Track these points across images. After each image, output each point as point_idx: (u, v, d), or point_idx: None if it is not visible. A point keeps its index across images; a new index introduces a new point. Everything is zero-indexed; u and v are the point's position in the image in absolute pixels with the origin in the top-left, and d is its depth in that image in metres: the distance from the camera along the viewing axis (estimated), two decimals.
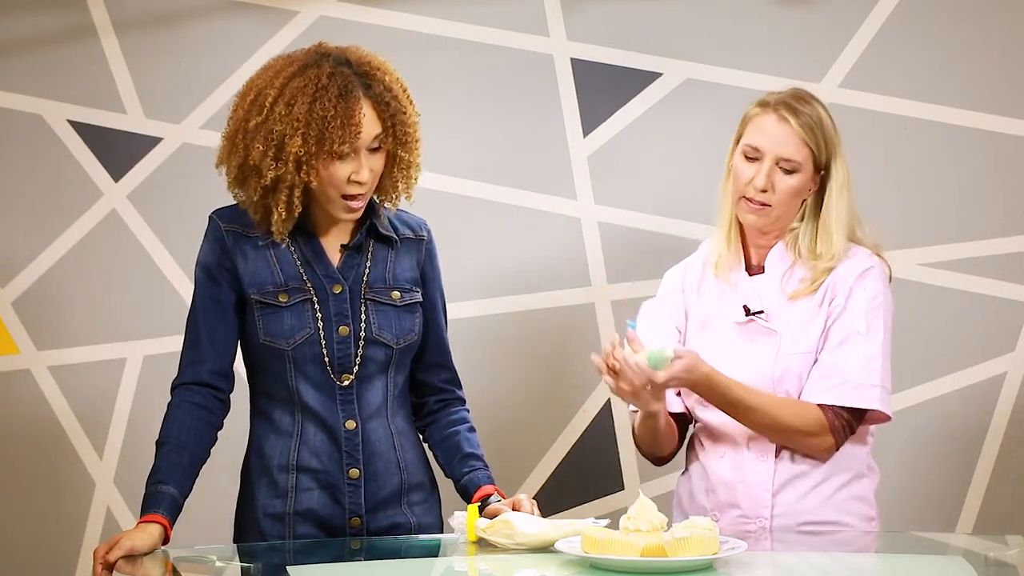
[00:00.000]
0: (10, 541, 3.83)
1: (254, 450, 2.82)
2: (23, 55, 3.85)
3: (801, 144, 2.82)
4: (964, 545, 2.91)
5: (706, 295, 2.93)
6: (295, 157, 2.66)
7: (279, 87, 2.69)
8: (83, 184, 3.83)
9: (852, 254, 2.86)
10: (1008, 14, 3.63)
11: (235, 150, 2.72)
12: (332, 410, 2.77)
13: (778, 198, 2.83)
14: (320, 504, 2.76)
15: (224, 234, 2.78)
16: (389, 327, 2.79)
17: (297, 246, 2.79)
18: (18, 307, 3.84)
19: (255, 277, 2.77)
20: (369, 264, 2.82)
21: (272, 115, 2.67)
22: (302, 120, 2.65)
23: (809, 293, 2.84)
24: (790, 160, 2.82)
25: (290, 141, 2.66)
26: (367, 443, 2.78)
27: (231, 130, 2.74)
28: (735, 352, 2.84)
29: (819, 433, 2.79)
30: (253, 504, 2.79)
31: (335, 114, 2.65)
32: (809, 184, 2.86)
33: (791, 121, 2.82)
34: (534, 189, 3.74)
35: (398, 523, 2.80)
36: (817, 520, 2.82)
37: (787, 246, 2.88)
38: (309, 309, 2.76)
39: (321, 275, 2.78)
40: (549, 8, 3.75)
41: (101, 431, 3.81)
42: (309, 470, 2.76)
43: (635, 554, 2.32)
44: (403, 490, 2.81)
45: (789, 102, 2.84)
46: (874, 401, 2.79)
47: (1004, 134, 3.62)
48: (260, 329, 2.76)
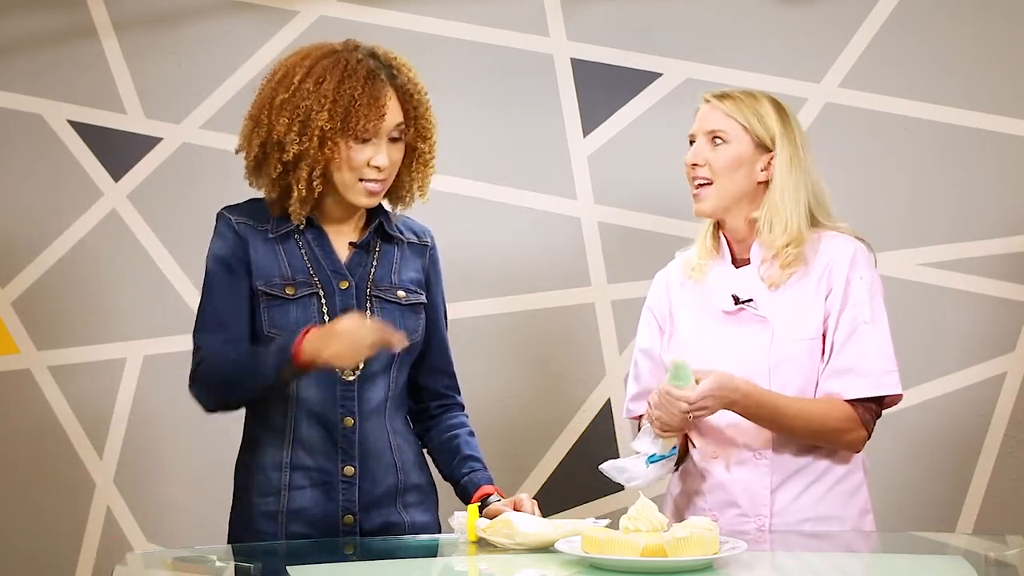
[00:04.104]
0: (10, 541, 3.84)
1: (247, 448, 2.83)
2: (23, 55, 3.85)
3: (725, 117, 2.88)
4: (964, 545, 2.91)
5: (692, 290, 2.94)
6: (320, 133, 2.70)
7: (308, 66, 2.74)
8: (83, 184, 3.83)
9: (831, 237, 2.87)
10: (1008, 14, 3.63)
11: (258, 127, 2.75)
12: (331, 406, 2.77)
13: (715, 168, 2.87)
14: (313, 502, 2.76)
15: (237, 226, 2.80)
16: (394, 325, 2.79)
17: (306, 241, 2.81)
18: (18, 307, 3.84)
19: (264, 269, 2.78)
20: (376, 263, 2.84)
21: (300, 91, 2.72)
22: (329, 96, 2.71)
23: (785, 277, 2.84)
24: (715, 131, 2.88)
25: (316, 116, 2.70)
26: (363, 441, 2.78)
27: (256, 108, 2.78)
28: (727, 342, 2.84)
29: (853, 428, 2.81)
30: (247, 502, 2.79)
31: (362, 93, 2.72)
32: (752, 159, 2.87)
33: (715, 101, 2.91)
34: (534, 189, 3.74)
35: (392, 522, 2.80)
36: (815, 516, 2.83)
37: (762, 240, 2.89)
38: (315, 303, 2.77)
39: (328, 271, 2.79)
40: (549, 8, 3.75)
41: (101, 431, 3.81)
42: (302, 468, 2.76)
43: (635, 554, 2.32)
44: (398, 490, 2.81)
45: (720, 91, 2.93)
46: (896, 386, 2.84)
47: (1004, 134, 3.62)
48: (265, 321, 2.76)
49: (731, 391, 2.73)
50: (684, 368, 2.71)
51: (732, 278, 2.90)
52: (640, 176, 3.72)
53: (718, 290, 2.90)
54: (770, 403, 2.78)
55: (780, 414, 2.78)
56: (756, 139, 2.87)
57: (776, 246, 2.85)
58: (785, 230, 2.84)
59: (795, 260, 2.84)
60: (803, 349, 2.83)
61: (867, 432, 2.83)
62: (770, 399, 2.78)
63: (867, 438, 2.85)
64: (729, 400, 2.74)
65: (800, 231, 2.84)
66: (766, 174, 2.87)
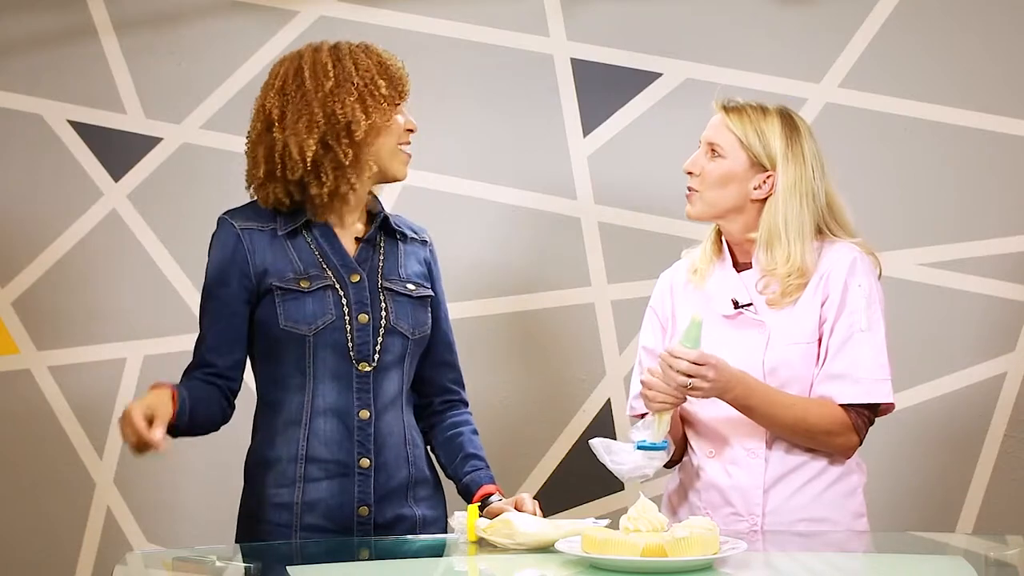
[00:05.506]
0: (10, 541, 3.83)
1: (260, 442, 2.83)
2: (23, 55, 3.85)
3: (725, 130, 2.88)
4: (964, 545, 2.91)
5: (694, 292, 2.94)
6: (384, 100, 2.79)
7: (327, 56, 2.81)
8: (83, 184, 3.83)
9: (831, 246, 2.87)
10: (1008, 14, 3.63)
11: (314, 119, 2.76)
12: (347, 399, 2.78)
13: (702, 180, 2.88)
14: (328, 494, 2.77)
15: (240, 233, 2.81)
16: (406, 317, 2.84)
17: (313, 237, 2.83)
18: (18, 307, 3.84)
19: (275, 267, 2.79)
20: (382, 257, 2.87)
21: (342, 72, 2.78)
22: (373, 69, 2.80)
23: (787, 303, 2.84)
24: (712, 143, 2.89)
25: (374, 86, 2.79)
26: (379, 434, 2.80)
27: (301, 104, 2.78)
28: (724, 345, 2.84)
29: (844, 432, 2.81)
30: (260, 494, 2.80)
31: (393, 61, 2.84)
32: (744, 176, 2.86)
33: (724, 113, 2.90)
34: (534, 189, 3.74)
35: (404, 516, 2.82)
36: (808, 517, 2.83)
37: (759, 261, 2.89)
38: (331, 296, 2.79)
39: (339, 264, 2.82)
40: (549, 8, 3.75)
41: (101, 431, 3.81)
42: (318, 460, 2.77)
43: (635, 554, 2.32)
44: (410, 484, 2.84)
45: (732, 102, 2.91)
46: (888, 395, 2.83)
47: (1004, 134, 3.62)
48: (280, 315, 2.77)
49: (729, 376, 2.74)
50: (699, 328, 2.71)
51: (733, 282, 2.90)
52: (640, 176, 3.72)
53: (718, 293, 2.90)
54: (765, 396, 2.77)
55: (774, 409, 2.78)
56: (752, 157, 2.86)
57: (778, 274, 2.84)
58: (787, 260, 2.83)
59: (797, 288, 2.84)
60: (798, 353, 2.83)
61: (859, 438, 2.83)
62: (765, 392, 2.78)
63: (858, 444, 2.84)
64: (726, 385, 2.74)
65: (803, 263, 2.83)
66: (761, 192, 2.86)
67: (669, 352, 2.73)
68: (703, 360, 2.70)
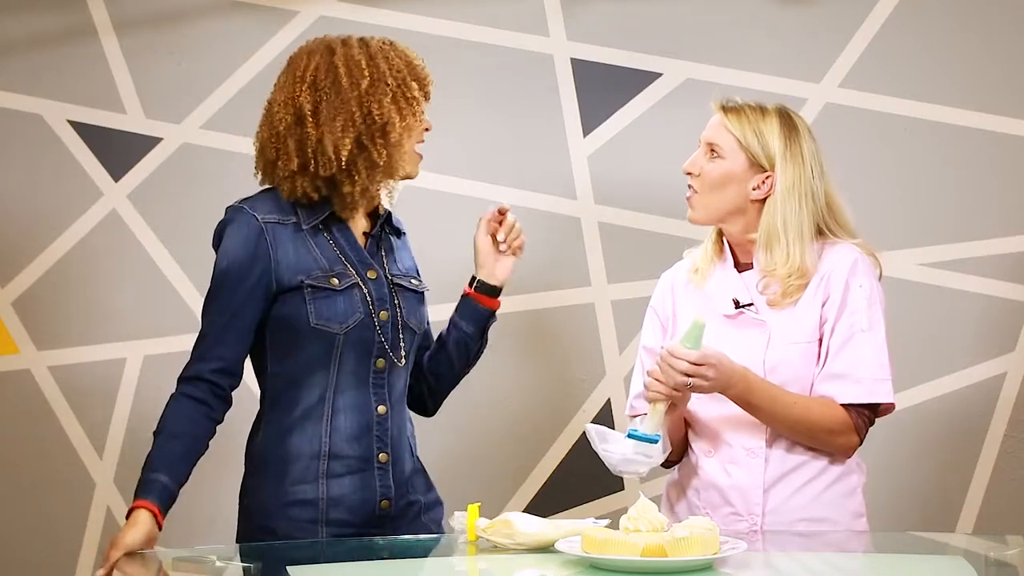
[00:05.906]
0: (10, 541, 3.83)
1: (269, 438, 2.80)
2: (23, 55, 3.85)
3: (724, 130, 2.88)
4: (964, 545, 2.91)
5: (695, 292, 2.94)
6: (413, 101, 2.79)
7: (359, 53, 2.80)
8: (83, 184, 3.83)
9: (832, 246, 2.87)
10: (1008, 14, 3.63)
11: (351, 119, 2.75)
12: (365, 395, 2.80)
13: (700, 182, 2.88)
14: (352, 489, 2.78)
15: (263, 225, 2.78)
16: (413, 313, 2.88)
17: (330, 233, 2.82)
18: (18, 307, 3.84)
19: (301, 263, 2.78)
20: (386, 253, 2.89)
21: (376, 72, 2.77)
22: (404, 69, 2.80)
23: (787, 304, 2.84)
24: (711, 143, 2.89)
25: (406, 87, 2.79)
26: (393, 427, 2.82)
27: (337, 102, 2.76)
28: (725, 345, 2.84)
29: (845, 432, 2.81)
30: (275, 492, 2.77)
31: (419, 61, 2.84)
32: (744, 177, 2.86)
33: (720, 113, 2.90)
34: (534, 189, 3.74)
35: (412, 501, 2.86)
36: (808, 517, 2.82)
37: (759, 261, 2.89)
38: (359, 293, 2.80)
39: (356, 261, 2.82)
40: (549, 8, 3.75)
41: (101, 431, 3.81)
42: (340, 456, 2.78)
43: (635, 554, 2.32)
44: (413, 473, 2.88)
45: (731, 102, 2.91)
46: (888, 395, 2.83)
47: (1004, 134, 3.62)
48: (311, 313, 2.76)
49: (731, 372, 2.74)
50: (701, 330, 2.71)
51: (734, 282, 2.90)
52: (640, 176, 3.71)
53: (719, 293, 2.90)
54: (767, 393, 2.77)
55: (776, 406, 2.78)
56: (751, 158, 2.86)
57: (778, 275, 2.84)
58: (787, 261, 2.83)
59: (798, 289, 2.84)
60: (799, 353, 2.83)
61: (859, 438, 2.83)
62: (767, 389, 2.78)
63: (858, 444, 2.84)
64: (728, 381, 2.74)
65: (803, 264, 2.83)
66: (761, 192, 2.87)
67: (669, 351, 2.72)
68: (703, 360, 2.70)
